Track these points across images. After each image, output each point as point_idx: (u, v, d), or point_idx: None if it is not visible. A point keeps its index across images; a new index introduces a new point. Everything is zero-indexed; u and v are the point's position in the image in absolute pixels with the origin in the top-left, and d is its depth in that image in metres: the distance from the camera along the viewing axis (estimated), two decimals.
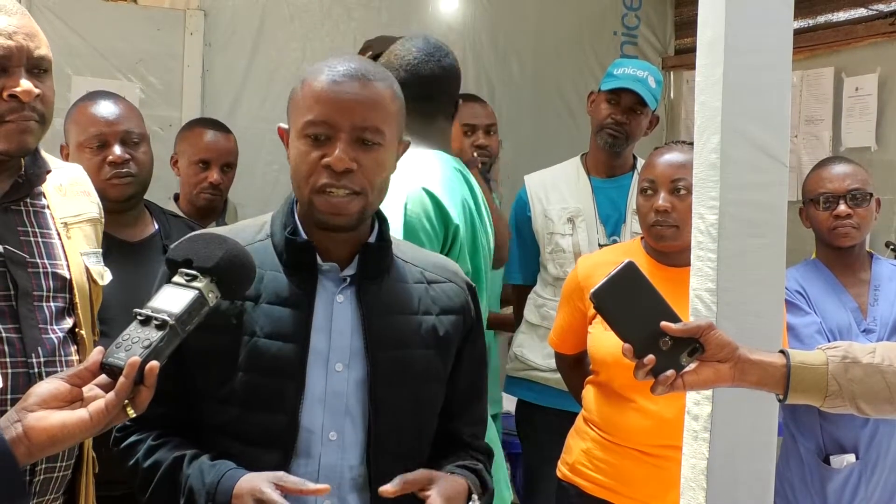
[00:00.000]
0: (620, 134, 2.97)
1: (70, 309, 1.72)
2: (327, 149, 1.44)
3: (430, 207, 1.93)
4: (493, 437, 2.12)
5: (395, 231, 1.88)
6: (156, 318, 1.27)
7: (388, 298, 1.54)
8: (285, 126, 1.55)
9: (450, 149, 2.16)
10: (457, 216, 1.96)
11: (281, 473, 1.39)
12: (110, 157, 2.35)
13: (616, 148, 2.99)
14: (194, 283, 1.31)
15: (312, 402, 1.46)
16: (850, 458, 2.49)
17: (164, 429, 1.50)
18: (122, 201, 2.35)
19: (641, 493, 2.23)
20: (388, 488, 1.41)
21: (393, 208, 1.91)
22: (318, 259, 1.51)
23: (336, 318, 1.49)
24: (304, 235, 1.51)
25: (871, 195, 2.56)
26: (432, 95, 2.12)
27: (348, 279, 1.51)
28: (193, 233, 1.48)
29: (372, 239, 1.55)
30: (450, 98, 2.17)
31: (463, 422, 1.65)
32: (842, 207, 2.54)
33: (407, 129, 2.07)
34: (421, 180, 1.95)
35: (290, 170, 1.50)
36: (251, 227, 1.58)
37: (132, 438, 1.50)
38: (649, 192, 2.28)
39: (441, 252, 1.93)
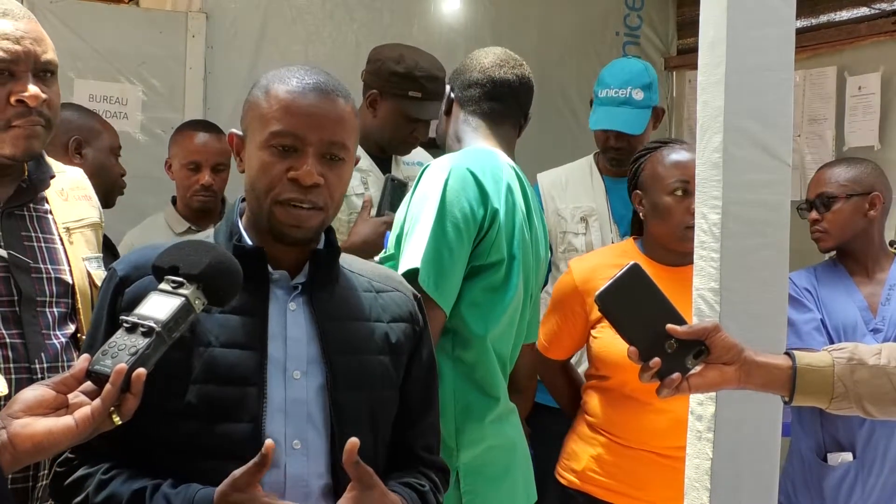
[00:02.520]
0: (622, 156, 2.92)
1: (73, 314, 1.72)
2: (294, 161, 1.42)
3: (472, 186, 1.94)
4: (518, 439, 2.13)
5: (432, 205, 1.90)
6: (142, 326, 1.25)
7: (340, 305, 1.52)
8: (239, 132, 1.52)
9: (511, 155, 2.20)
10: (497, 201, 1.98)
11: (236, 473, 1.33)
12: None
13: (622, 167, 2.93)
14: (181, 290, 1.30)
15: (273, 411, 1.43)
16: (847, 456, 2.49)
17: (112, 459, 1.42)
18: None
19: (657, 495, 2.21)
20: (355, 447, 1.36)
21: (433, 183, 1.94)
22: (269, 267, 1.48)
23: (290, 326, 1.47)
24: (249, 242, 1.49)
25: (850, 196, 2.55)
26: (502, 99, 2.18)
27: (299, 287, 1.49)
28: (180, 240, 1.44)
29: (320, 246, 1.53)
30: (520, 107, 2.22)
31: (415, 433, 1.61)
32: (812, 214, 2.60)
33: (472, 128, 2.17)
34: (467, 163, 1.98)
35: (247, 179, 1.47)
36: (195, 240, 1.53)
37: (79, 473, 1.41)
38: (679, 192, 2.23)
39: (478, 234, 1.94)
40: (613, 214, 2.99)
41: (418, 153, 2.96)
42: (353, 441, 1.36)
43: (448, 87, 2.24)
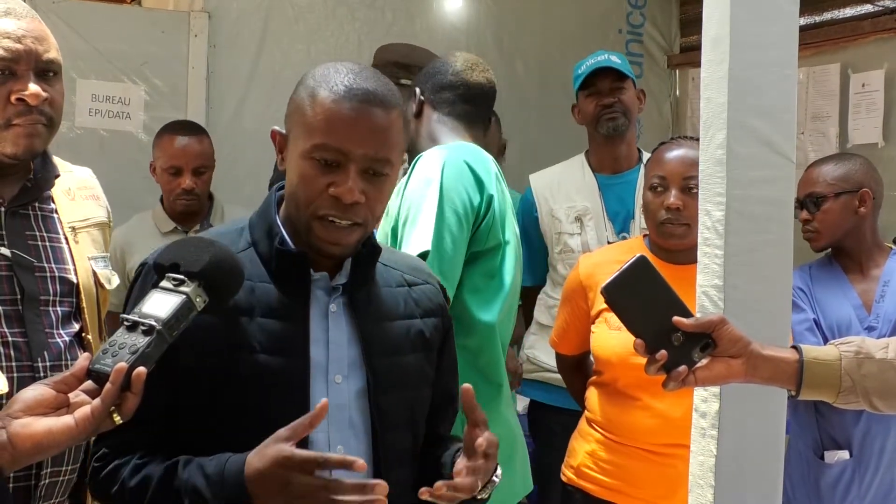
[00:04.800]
0: (617, 112, 2.97)
1: (77, 313, 1.72)
2: (335, 176, 1.38)
3: (467, 174, 1.99)
4: (517, 428, 2.16)
5: (433, 192, 1.94)
6: (142, 324, 1.24)
7: (378, 305, 1.51)
8: (282, 130, 1.48)
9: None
10: (491, 187, 2.03)
11: (279, 432, 1.29)
12: None
13: (620, 129, 2.97)
14: (182, 288, 1.28)
15: None
16: (844, 454, 2.49)
17: (147, 450, 1.42)
18: None
19: (649, 493, 2.21)
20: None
21: (429, 172, 1.98)
22: (311, 271, 1.46)
23: (332, 329, 1.46)
24: (291, 244, 1.46)
25: (839, 194, 2.53)
26: (475, 101, 2.24)
27: (340, 288, 1.48)
28: (182, 237, 1.44)
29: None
30: (488, 109, 2.29)
31: (440, 420, 1.63)
32: (803, 214, 2.59)
33: (448, 128, 2.21)
34: (460, 153, 2.04)
35: (288, 184, 1.45)
36: (228, 234, 1.50)
37: (114, 464, 1.41)
38: (659, 188, 2.26)
39: (475, 221, 1.98)
40: (608, 212, 2.99)
41: None
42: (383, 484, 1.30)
43: (418, 91, 2.27)
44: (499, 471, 1.47)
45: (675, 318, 1.46)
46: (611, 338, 2.22)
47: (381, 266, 1.55)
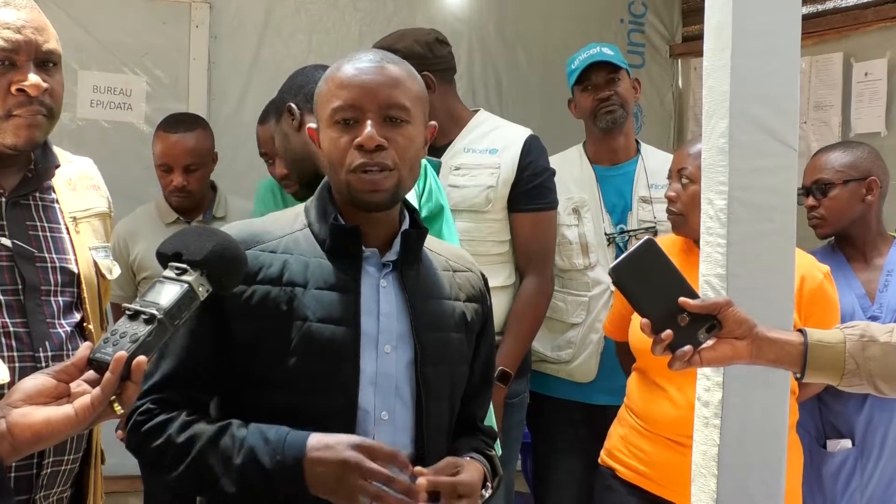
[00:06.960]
0: (614, 105, 2.96)
1: (78, 303, 1.72)
2: (357, 131, 1.49)
3: (433, 182, 2.10)
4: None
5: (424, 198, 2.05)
6: (144, 313, 1.24)
7: (426, 284, 1.60)
8: (314, 125, 1.59)
9: None
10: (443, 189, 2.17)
11: (354, 437, 1.42)
12: None
13: (619, 121, 2.97)
14: (184, 277, 1.29)
15: (365, 384, 1.49)
16: (846, 443, 2.49)
17: (194, 409, 1.48)
18: None
19: (671, 481, 2.24)
20: (423, 483, 1.44)
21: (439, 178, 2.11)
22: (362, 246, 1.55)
23: (382, 302, 1.53)
24: (343, 222, 1.54)
25: (847, 181, 2.52)
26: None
27: (390, 265, 1.56)
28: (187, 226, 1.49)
29: (406, 226, 1.59)
30: None
31: (476, 405, 1.72)
32: (809, 201, 2.59)
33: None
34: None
35: (325, 159, 1.54)
36: (284, 217, 1.61)
37: (160, 418, 1.46)
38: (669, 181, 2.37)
39: (434, 222, 2.09)
40: (605, 204, 2.99)
41: (486, 139, 2.84)
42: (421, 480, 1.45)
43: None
44: (485, 492, 1.57)
45: (681, 299, 1.47)
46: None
47: (427, 251, 1.64)
